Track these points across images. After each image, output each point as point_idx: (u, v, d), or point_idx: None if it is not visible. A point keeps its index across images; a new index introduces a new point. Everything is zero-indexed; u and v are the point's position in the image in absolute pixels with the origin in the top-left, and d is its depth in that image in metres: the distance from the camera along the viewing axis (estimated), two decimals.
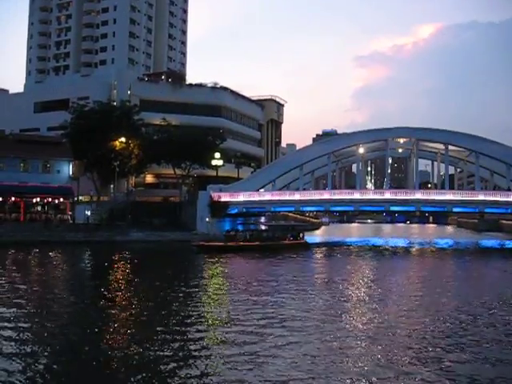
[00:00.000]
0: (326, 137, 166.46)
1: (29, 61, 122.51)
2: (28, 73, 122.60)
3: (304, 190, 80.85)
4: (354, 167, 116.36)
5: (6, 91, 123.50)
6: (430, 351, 18.55)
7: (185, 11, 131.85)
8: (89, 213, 72.90)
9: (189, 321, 22.90)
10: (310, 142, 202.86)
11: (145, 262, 47.68)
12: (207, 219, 72.61)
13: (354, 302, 28.64)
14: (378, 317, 23.99)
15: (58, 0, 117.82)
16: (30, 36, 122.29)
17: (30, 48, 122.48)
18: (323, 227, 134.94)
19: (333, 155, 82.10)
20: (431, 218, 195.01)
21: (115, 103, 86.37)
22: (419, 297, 29.95)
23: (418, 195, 74.77)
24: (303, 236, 65.89)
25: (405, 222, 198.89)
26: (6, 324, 21.38)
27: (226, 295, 30.76)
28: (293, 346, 18.82)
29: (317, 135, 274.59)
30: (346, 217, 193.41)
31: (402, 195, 75.76)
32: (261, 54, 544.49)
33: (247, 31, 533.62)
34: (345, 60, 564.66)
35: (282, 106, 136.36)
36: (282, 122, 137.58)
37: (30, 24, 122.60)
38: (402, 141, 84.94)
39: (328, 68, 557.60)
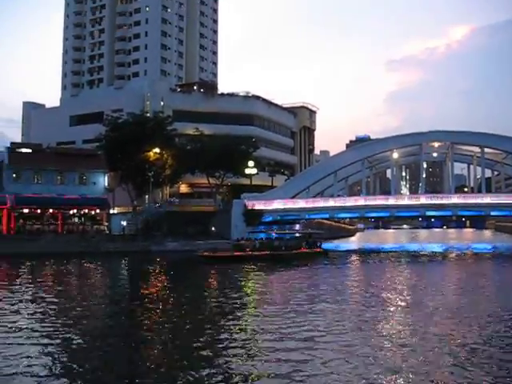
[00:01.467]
0: (359, 143, 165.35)
1: (64, 75, 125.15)
2: (63, 87, 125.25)
3: (338, 196, 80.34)
4: (389, 172, 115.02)
5: (43, 106, 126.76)
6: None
7: (215, 21, 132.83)
8: (125, 223, 73.80)
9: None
10: (343, 148, 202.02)
11: (179, 273, 47.63)
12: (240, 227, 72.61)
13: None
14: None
15: (92, 15, 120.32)
16: (65, 51, 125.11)
17: (65, 63, 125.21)
18: (358, 234, 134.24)
19: (367, 161, 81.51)
20: (468, 223, 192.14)
21: (148, 114, 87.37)
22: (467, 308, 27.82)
23: (455, 199, 73.60)
24: (320, 244, 62.23)
25: (441, 227, 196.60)
26: (43, 333, 21.62)
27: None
28: None
29: (350, 141, 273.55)
30: (381, 223, 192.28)
31: (437, 200, 74.64)
32: (291, 60, 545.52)
33: (277, 38, 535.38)
34: (377, 64, 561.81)
35: (315, 112, 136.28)
36: (314, 129, 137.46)
37: (65, 39, 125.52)
38: (436, 145, 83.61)
39: (360, 73, 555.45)
